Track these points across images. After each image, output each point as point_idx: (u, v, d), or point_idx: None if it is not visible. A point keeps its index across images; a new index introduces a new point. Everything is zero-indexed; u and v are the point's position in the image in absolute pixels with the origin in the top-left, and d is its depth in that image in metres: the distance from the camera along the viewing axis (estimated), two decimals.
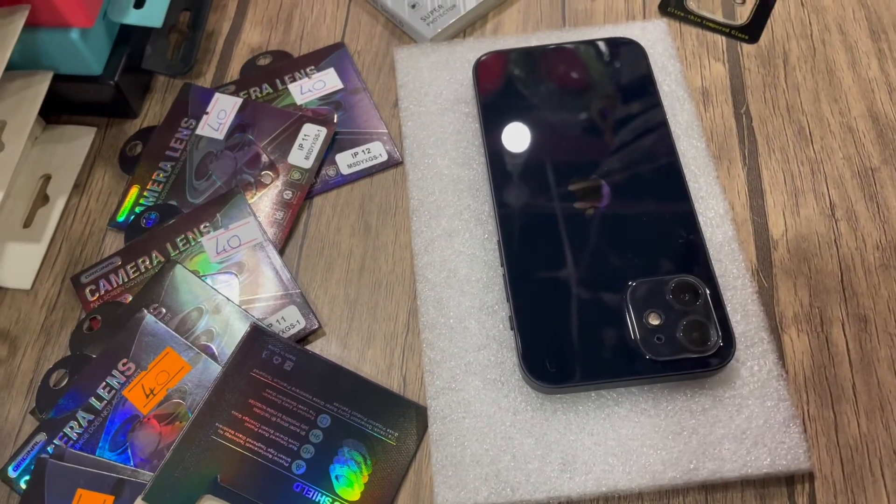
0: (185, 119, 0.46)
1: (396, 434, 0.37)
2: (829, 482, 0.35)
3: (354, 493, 0.35)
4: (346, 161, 0.45)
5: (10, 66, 0.41)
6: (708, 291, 0.37)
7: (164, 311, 0.40)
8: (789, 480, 0.35)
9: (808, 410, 0.37)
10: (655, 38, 0.47)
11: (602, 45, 0.45)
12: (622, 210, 0.40)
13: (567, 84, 0.44)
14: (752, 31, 0.48)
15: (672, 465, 0.35)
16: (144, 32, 0.47)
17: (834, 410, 0.37)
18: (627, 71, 0.44)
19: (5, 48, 0.40)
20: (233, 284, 0.41)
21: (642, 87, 0.44)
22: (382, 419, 0.37)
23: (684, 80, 0.45)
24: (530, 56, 0.45)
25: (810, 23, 0.48)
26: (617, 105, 0.43)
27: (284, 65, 0.49)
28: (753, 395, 0.36)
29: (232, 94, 0.47)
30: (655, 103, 0.43)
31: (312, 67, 0.48)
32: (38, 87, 0.43)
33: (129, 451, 0.37)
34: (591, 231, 0.39)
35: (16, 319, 0.41)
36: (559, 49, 0.45)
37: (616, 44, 0.45)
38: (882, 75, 0.46)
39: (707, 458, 0.35)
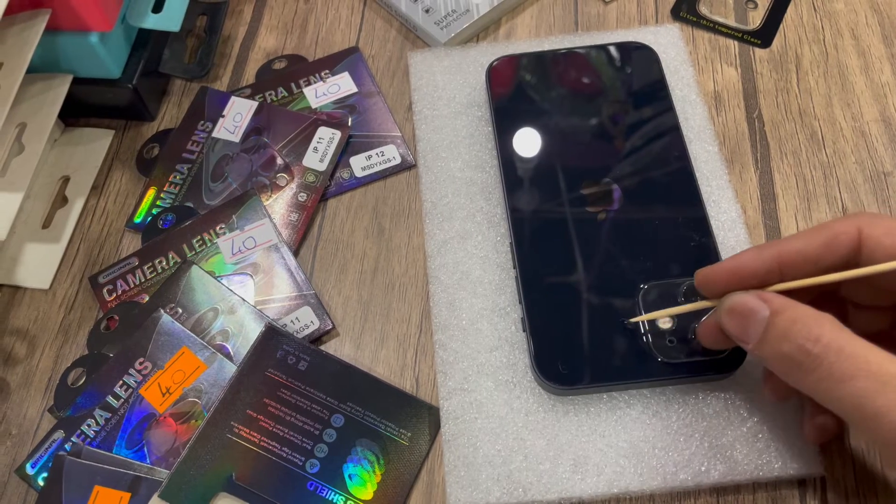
0: (202, 122, 0.47)
1: (409, 434, 0.37)
2: (840, 486, 0.35)
3: (367, 492, 0.36)
4: (360, 164, 0.45)
5: (31, 70, 0.41)
6: None
7: (180, 311, 0.40)
8: (801, 483, 0.35)
9: None
10: (668, 42, 0.47)
11: (614, 50, 0.45)
12: (634, 213, 0.40)
13: (579, 88, 0.44)
14: (764, 35, 0.48)
15: (683, 468, 0.35)
16: (162, 37, 0.48)
17: None
18: (640, 75, 0.44)
19: (26, 51, 0.40)
20: (248, 285, 0.41)
21: (654, 92, 0.44)
22: (395, 419, 0.37)
23: (697, 85, 0.46)
24: (543, 60, 0.45)
25: (822, 28, 0.48)
26: (629, 109, 0.43)
27: (299, 69, 0.49)
28: (765, 399, 0.36)
29: (248, 97, 0.48)
30: (668, 107, 0.43)
31: (327, 71, 0.49)
32: (58, 90, 0.44)
33: (146, 448, 0.37)
34: (603, 234, 0.39)
35: (34, 319, 0.42)
36: (571, 53, 0.46)
37: (628, 48, 0.45)
38: (895, 80, 0.46)
39: (718, 461, 0.35)
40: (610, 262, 0.39)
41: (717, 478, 0.35)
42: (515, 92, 0.45)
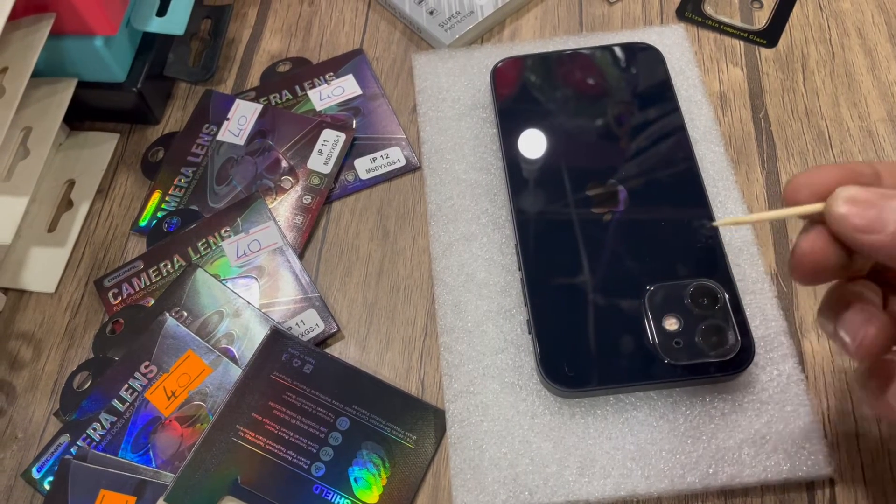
0: (207, 125, 0.47)
1: (415, 437, 0.37)
2: (850, 488, 0.35)
3: (373, 495, 0.36)
4: (364, 166, 0.45)
5: (36, 74, 0.41)
6: (727, 296, 0.37)
7: (185, 314, 0.40)
8: (809, 486, 0.35)
9: (828, 416, 0.36)
10: (673, 42, 0.47)
11: (619, 51, 0.45)
12: (640, 214, 0.40)
13: (584, 89, 0.44)
14: (770, 35, 0.48)
15: (691, 470, 0.35)
16: (166, 40, 0.48)
17: (855, 416, 0.36)
18: (645, 76, 0.44)
19: (31, 55, 0.41)
20: (253, 288, 0.41)
21: (660, 92, 0.44)
22: (401, 422, 0.37)
23: (702, 85, 0.45)
24: (547, 61, 0.45)
25: (829, 27, 0.48)
26: (634, 110, 0.43)
27: (304, 71, 0.49)
28: (773, 400, 0.36)
29: (252, 100, 0.48)
30: (673, 108, 0.43)
31: (331, 74, 0.49)
32: (63, 94, 0.44)
33: (151, 452, 0.37)
34: (609, 235, 0.39)
35: (40, 322, 0.42)
36: (576, 54, 0.45)
37: (633, 49, 0.45)
38: None
39: (726, 463, 0.35)
40: (616, 263, 0.38)
41: (724, 480, 0.34)
42: (520, 93, 0.44)
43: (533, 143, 0.43)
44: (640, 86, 0.44)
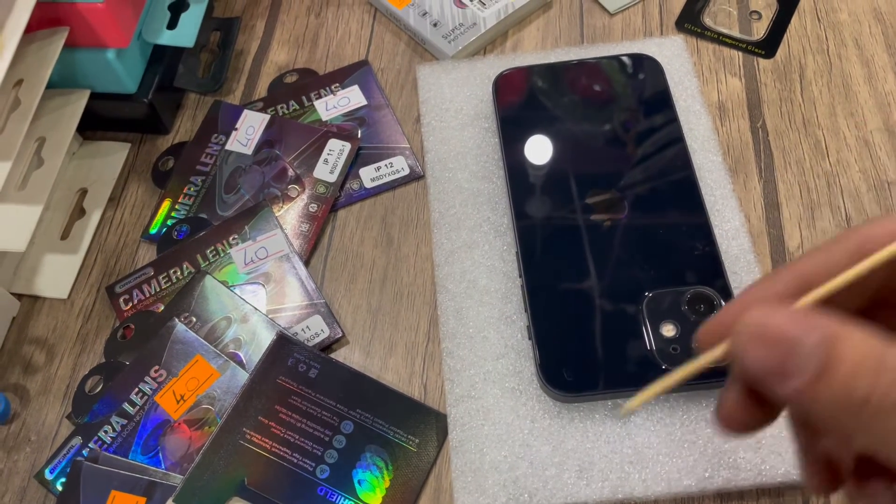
0: (215, 135, 0.48)
1: (417, 440, 0.38)
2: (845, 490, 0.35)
3: (376, 497, 0.36)
4: (369, 175, 0.46)
5: (50, 85, 0.43)
6: (723, 303, 0.37)
7: (194, 319, 0.41)
8: (805, 489, 0.36)
9: None
10: (672, 53, 0.48)
11: (619, 61, 0.46)
12: (638, 222, 0.41)
13: (584, 99, 0.45)
14: (768, 46, 0.49)
15: (687, 473, 0.35)
16: (177, 52, 0.49)
17: None
18: (644, 86, 0.45)
19: (46, 68, 0.42)
20: (260, 294, 0.42)
21: (659, 103, 0.44)
22: (404, 426, 0.38)
23: (701, 95, 0.46)
24: (548, 72, 0.46)
25: (826, 38, 0.49)
26: (634, 120, 0.44)
27: (310, 82, 0.50)
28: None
29: (260, 110, 0.49)
30: (672, 118, 0.44)
31: (337, 84, 0.50)
32: (76, 105, 0.45)
33: (161, 454, 0.38)
34: (608, 243, 0.40)
35: (53, 327, 0.43)
36: (577, 65, 0.46)
37: (633, 60, 0.46)
38: None
39: (722, 467, 0.35)
40: (614, 271, 0.39)
41: (720, 484, 0.35)
42: (522, 103, 0.45)
43: (534, 153, 0.43)
44: (640, 96, 0.45)
